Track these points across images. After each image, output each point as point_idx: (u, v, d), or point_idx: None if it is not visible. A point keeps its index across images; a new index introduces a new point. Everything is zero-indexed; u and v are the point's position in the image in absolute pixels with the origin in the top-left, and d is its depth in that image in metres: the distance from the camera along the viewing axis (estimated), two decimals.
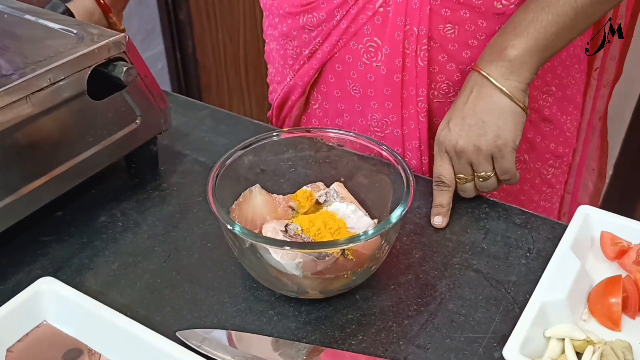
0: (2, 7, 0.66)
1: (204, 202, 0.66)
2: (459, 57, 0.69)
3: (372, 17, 0.69)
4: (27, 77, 0.54)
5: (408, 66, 0.70)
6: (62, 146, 0.59)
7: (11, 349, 0.51)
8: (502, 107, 0.61)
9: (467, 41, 0.68)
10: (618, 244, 0.58)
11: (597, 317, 0.53)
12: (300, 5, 0.72)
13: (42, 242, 0.62)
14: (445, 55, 0.69)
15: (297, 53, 0.76)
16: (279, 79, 0.83)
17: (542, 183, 0.81)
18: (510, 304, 0.55)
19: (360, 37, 0.70)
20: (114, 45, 0.59)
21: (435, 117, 0.74)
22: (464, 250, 0.61)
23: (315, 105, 0.79)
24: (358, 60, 0.72)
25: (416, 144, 0.74)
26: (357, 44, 0.71)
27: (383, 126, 0.75)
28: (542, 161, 0.80)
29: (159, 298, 0.56)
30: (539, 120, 0.76)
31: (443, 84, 0.71)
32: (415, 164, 0.76)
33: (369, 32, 0.69)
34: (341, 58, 0.73)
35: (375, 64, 0.71)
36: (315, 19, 0.71)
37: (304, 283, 0.53)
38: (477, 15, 0.67)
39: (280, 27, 0.76)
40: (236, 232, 0.50)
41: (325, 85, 0.76)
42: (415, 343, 0.52)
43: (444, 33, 0.68)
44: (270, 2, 0.76)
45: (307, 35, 0.74)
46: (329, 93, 0.77)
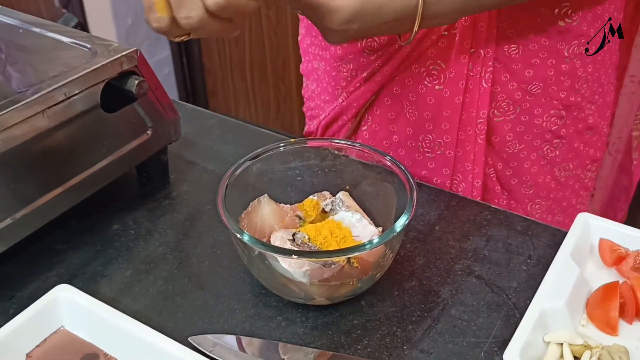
0: (16, 22, 0.69)
1: (214, 210, 0.68)
2: (522, 76, 0.70)
3: (437, 41, 0.69)
4: (43, 92, 0.56)
5: (471, 88, 0.70)
6: (77, 158, 0.61)
7: (30, 354, 0.53)
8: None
9: (530, 60, 0.69)
10: (616, 251, 0.59)
11: (596, 323, 0.55)
12: None
13: (57, 250, 0.64)
14: (507, 75, 0.70)
15: (352, 75, 0.76)
16: (326, 98, 0.82)
17: (581, 187, 0.82)
18: (511, 309, 0.57)
19: (423, 61, 0.70)
20: (127, 60, 0.61)
21: (493, 135, 0.75)
22: (466, 256, 0.62)
23: (364, 127, 0.79)
24: (419, 84, 0.72)
25: (469, 167, 0.75)
26: (419, 67, 0.71)
27: (435, 147, 0.75)
28: (583, 167, 0.81)
29: (171, 304, 0.58)
30: (584, 129, 0.77)
31: (503, 102, 0.72)
32: (464, 187, 0.77)
33: (432, 55, 0.70)
34: (401, 81, 0.73)
35: (438, 87, 0.71)
36: (376, 43, 0.71)
37: (311, 290, 0.55)
38: (541, 34, 0.68)
39: (333, 49, 0.75)
40: (245, 241, 0.52)
41: (378, 108, 0.76)
42: (419, 348, 0.54)
43: (509, 53, 0.69)
44: None
45: (365, 58, 0.74)
46: (381, 115, 0.77)
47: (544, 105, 0.73)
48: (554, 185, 0.79)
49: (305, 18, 0.79)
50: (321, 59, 0.80)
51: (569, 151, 0.78)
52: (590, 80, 0.74)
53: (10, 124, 0.55)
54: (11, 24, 0.68)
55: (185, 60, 2.28)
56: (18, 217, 0.58)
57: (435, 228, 0.66)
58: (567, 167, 0.79)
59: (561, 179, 0.79)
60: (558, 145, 0.77)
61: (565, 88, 0.72)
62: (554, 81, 0.71)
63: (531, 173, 0.77)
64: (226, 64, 2.25)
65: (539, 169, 0.78)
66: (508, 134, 0.75)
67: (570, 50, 0.70)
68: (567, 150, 0.78)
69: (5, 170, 0.56)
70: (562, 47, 0.70)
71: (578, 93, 0.74)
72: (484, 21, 0.66)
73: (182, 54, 2.27)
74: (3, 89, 0.57)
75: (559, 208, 0.81)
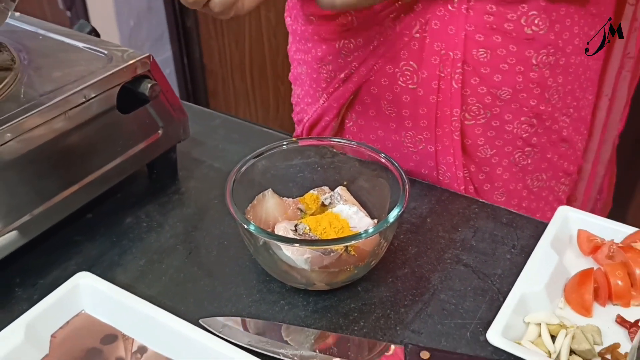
0: (35, 29, 0.73)
1: (220, 204, 0.73)
2: (490, 81, 0.73)
3: (409, 43, 0.72)
4: (65, 95, 0.61)
5: (443, 88, 0.74)
6: (93, 156, 0.66)
7: (55, 335, 0.57)
8: None
9: (499, 65, 0.72)
10: (593, 241, 0.64)
11: (572, 305, 0.59)
12: (337, 32, 0.75)
13: (76, 241, 0.69)
14: (477, 78, 0.73)
15: (331, 77, 0.80)
16: (309, 100, 0.87)
17: (554, 200, 0.86)
18: (495, 294, 0.62)
19: (396, 62, 0.74)
20: (141, 65, 0.66)
21: (465, 138, 0.78)
22: (454, 246, 0.67)
23: (350, 124, 0.83)
24: (394, 83, 0.76)
25: (450, 160, 0.79)
26: (393, 67, 0.74)
27: (417, 143, 0.79)
28: (556, 179, 0.84)
29: (182, 290, 0.63)
30: (558, 140, 0.81)
31: (474, 106, 0.75)
32: (450, 176, 0.80)
33: (405, 56, 0.74)
34: (377, 81, 0.77)
35: (412, 86, 0.75)
36: (352, 45, 0.75)
37: (312, 276, 0.60)
38: (508, 40, 0.71)
39: (314, 51, 0.79)
40: (252, 230, 0.57)
41: (360, 106, 0.80)
42: (411, 328, 0.59)
43: (477, 57, 0.72)
44: (303, 28, 0.79)
45: (342, 60, 0.77)
46: (364, 112, 0.80)
47: (514, 111, 0.76)
48: (525, 194, 0.82)
49: (292, 24, 0.84)
50: (304, 62, 0.84)
51: (541, 161, 0.81)
52: (562, 92, 0.77)
53: (34, 126, 0.59)
54: (31, 30, 0.73)
55: (186, 61, 2.32)
56: (40, 212, 0.62)
57: (427, 220, 0.71)
58: (540, 178, 0.82)
59: (534, 188, 0.82)
60: (530, 153, 0.80)
61: (535, 96, 0.75)
62: (523, 88, 0.74)
63: (503, 180, 0.81)
64: (226, 65, 2.29)
65: (511, 176, 0.81)
66: (479, 138, 0.78)
67: (538, 59, 0.73)
68: (539, 160, 0.81)
69: (28, 168, 0.60)
70: (530, 54, 0.72)
71: (549, 103, 0.76)
72: (454, 24, 0.70)
73: (183, 54, 2.31)
74: (27, 92, 0.62)
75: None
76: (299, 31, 0.81)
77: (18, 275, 0.64)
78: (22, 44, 0.69)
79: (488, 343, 0.54)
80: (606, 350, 0.55)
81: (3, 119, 0.58)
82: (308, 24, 0.78)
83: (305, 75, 0.85)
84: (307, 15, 0.77)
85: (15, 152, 0.59)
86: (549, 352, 0.54)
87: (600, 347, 0.55)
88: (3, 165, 0.58)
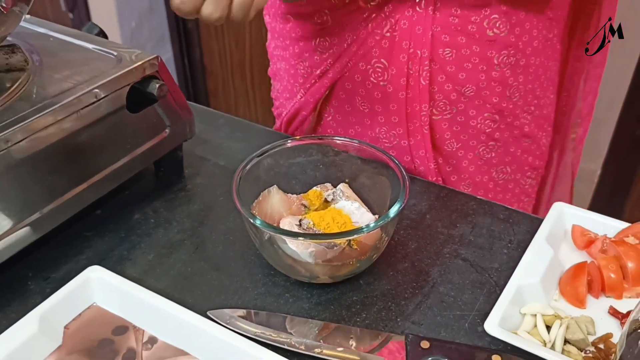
0: (46, 31, 0.75)
1: (225, 201, 0.75)
2: (456, 79, 0.77)
3: (380, 41, 0.76)
4: (76, 95, 0.63)
5: (412, 85, 0.78)
6: (103, 154, 0.68)
7: (67, 327, 0.59)
8: None
9: (463, 64, 0.77)
10: (586, 235, 0.66)
11: (567, 298, 0.62)
12: (313, 30, 0.79)
13: (86, 237, 0.71)
14: (443, 76, 0.77)
15: (308, 72, 0.84)
16: (287, 95, 0.91)
17: (521, 193, 0.90)
18: (493, 287, 0.64)
19: (368, 59, 0.78)
20: (149, 65, 0.68)
21: (433, 132, 0.82)
22: (453, 241, 0.70)
23: (329, 118, 0.86)
24: (366, 80, 0.79)
25: (423, 153, 0.83)
26: (365, 64, 0.78)
27: (391, 137, 0.83)
28: (522, 173, 0.88)
29: (190, 284, 0.65)
30: (520, 136, 0.85)
31: (441, 102, 0.79)
32: (423, 170, 0.84)
33: (376, 54, 0.77)
34: (350, 77, 0.80)
35: (382, 83, 0.79)
36: (327, 43, 0.79)
37: (316, 270, 0.62)
38: (472, 41, 0.75)
39: (291, 49, 0.84)
40: (258, 225, 0.59)
41: (336, 101, 0.84)
42: (411, 320, 0.61)
43: (444, 56, 0.76)
44: (281, 26, 0.84)
45: (318, 56, 0.81)
46: (340, 107, 0.84)
47: (478, 107, 0.81)
48: (492, 186, 0.87)
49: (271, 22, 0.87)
50: (282, 59, 0.88)
51: (505, 155, 0.85)
52: (522, 90, 0.81)
53: (46, 125, 0.61)
54: (41, 32, 0.75)
55: (187, 62, 2.34)
56: (51, 208, 0.64)
57: (426, 216, 0.73)
58: (505, 170, 0.86)
59: (499, 181, 0.87)
60: (493, 147, 0.84)
61: (497, 94, 0.80)
62: (486, 86, 0.79)
63: (469, 172, 0.85)
64: (227, 66, 2.31)
65: (477, 168, 0.85)
66: (446, 133, 0.82)
67: (499, 59, 0.77)
68: (503, 154, 0.85)
69: (40, 166, 0.62)
70: (492, 55, 0.77)
71: (510, 100, 0.81)
72: (421, 24, 0.74)
73: (183, 55, 2.33)
74: (39, 92, 0.64)
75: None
76: (277, 29, 0.85)
77: (30, 269, 0.66)
78: (33, 46, 0.71)
79: (486, 333, 0.56)
80: (599, 340, 0.57)
81: (16, 118, 0.60)
82: (286, 22, 0.82)
83: (283, 72, 0.89)
84: (285, 14, 0.81)
85: (27, 150, 0.61)
86: (544, 341, 0.57)
87: (593, 337, 0.57)
88: (16, 163, 0.60)
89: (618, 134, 1.64)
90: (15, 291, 0.64)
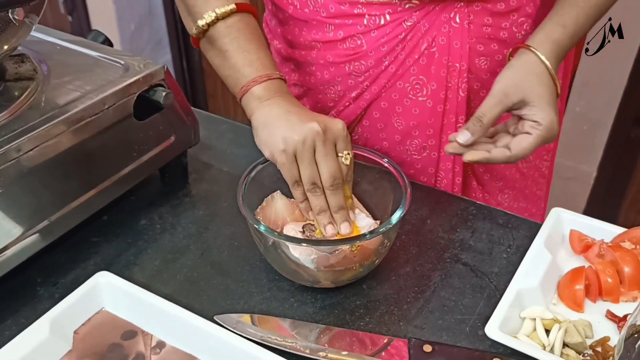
0: (53, 39, 0.76)
1: (230, 206, 0.76)
2: (490, 84, 0.75)
3: (418, 60, 0.77)
4: (85, 105, 0.64)
5: (450, 97, 0.79)
6: (110, 161, 0.69)
7: (77, 331, 0.61)
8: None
9: (496, 69, 0.77)
10: (584, 240, 0.68)
11: (565, 301, 0.63)
12: (347, 55, 0.78)
13: (93, 242, 0.72)
14: (479, 83, 0.79)
15: (339, 96, 0.83)
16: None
17: (540, 176, 0.92)
18: (493, 291, 0.66)
19: (407, 77, 0.78)
20: (156, 74, 0.70)
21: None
22: (454, 246, 0.71)
23: (355, 137, 0.86)
24: (404, 97, 0.79)
25: (449, 166, 0.83)
26: (403, 83, 0.78)
27: (421, 150, 0.83)
28: (540, 158, 0.90)
29: (196, 289, 0.66)
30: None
31: (475, 109, 0.80)
32: (446, 183, 0.85)
33: (414, 72, 0.78)
34: (387, 97, 0.80)
35: (421, 99, 0.79)
36: (363, 67, 0.78)
37: (318, 275, 0.63)
38: (503, 46, 0.77)
39: (319, 74, 0.82)
40: (262, 231, 0.61)
41: (368, 120, 0.83)
42: (413, 324, 0.62)
43: (479, 65, 0.78)
44: (304, 53, 0.82)
45: (352, 80, 0.80)
46: (371, 127, 0.84)
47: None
48: (518, 177, 0.89)
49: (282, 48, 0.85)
50: (303, 84, 0.86)
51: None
52: None
53: (56, 134, 0.63)
54: (49, 41, 0.76)
55: (186, 64, 2.35)
56: (60, 215, 0.65)
57: (427, 222, 0.74)
58: (528, 159, 0.88)
59: (524, 170, 0.89)
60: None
61: None
62: None
63: (500, 168, 0.87)
64: None
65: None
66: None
67: None
68: None
69: (50, 174, 0.64)
70: None
71: None
72: (458, 39, 0.75)
73: (182, 58, 2.34)
74: (48, 101, 0.65)
75: (522, 195, 0.90)
76: (297, 56, 0.83)
77: (39, 274, 0.68)
78: (41, 54, 0.73)
79: (486, 337, 0.57)
80: (597, 343, 0.58)
81: (27, 127, 0.61)
82: (310, 49, 0.81)
83: (306, 96, 0.88)
84: (309, 41, 0.80)
85: (38, 159, 0.62)
86: (543, 345, 0.58)
87: (591, 340, 0.59)
88: (27, 171, 0.61)
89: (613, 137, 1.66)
90: (25, 296, 0.65)
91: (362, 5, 0.75)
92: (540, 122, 0.66)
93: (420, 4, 0.74)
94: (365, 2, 0.74)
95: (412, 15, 0.74)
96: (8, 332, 0.61)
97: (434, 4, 0.74)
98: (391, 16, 0.75)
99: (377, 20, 0.75)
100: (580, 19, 0.71)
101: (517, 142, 0.67)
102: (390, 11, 0.74)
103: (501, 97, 0.67)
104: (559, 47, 0.70)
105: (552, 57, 0.69)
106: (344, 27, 0.77)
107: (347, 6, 0.75)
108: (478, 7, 0.74)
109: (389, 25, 0.75)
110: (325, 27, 0.78)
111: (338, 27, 0.77)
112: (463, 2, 0.74)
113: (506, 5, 0.75)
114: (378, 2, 0.74)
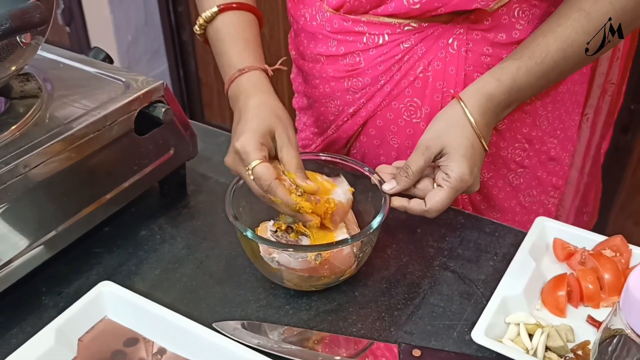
0: (56, 57, 0.79)
1: (227, 217, 0.79)
2: None
3: (413, 82, 0.78)
4: (90, 121, 0.67)
5: None
6: (112, 175, 0.72)
7: (81, 339, 0.63)
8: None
9: None
10: (567, 248, 0.71)
11: (548, 307, 0.66)
12: (346, 71, 0.80)
13: (95, 253, 0.74)
14: None
15: (339, 111, 0.85)
16: (315, 130, 0.93)
17: (545, 212, 0.91)
18: (479, 297, 0.68)
19: (401, 98, 0.79)
20: (156, 91, 0.72)
21: None
22: (442, 254, 0.74)
23: (354, 151, 0.89)
24: (399, 117, 0.81)
25: None
26: (398, 103, 0.80)
27: None
28: (546, 194, 0.90)
29: (196, 297, 0.69)
30: (546, 160, 0.87)
31: None
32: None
33: (409, 94, 0.79)
34: (383, 115, 0.82)
35: (415, 120, 0.80)
36: (360, 83, 0.80)
37: (284, 275, 0.66)
38: None
39: (322, 87, 0.84)
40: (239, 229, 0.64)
41: (365, 137, 0.85)
42: (404, 329, 0.65)
43: None
44: (311, 65, 0.84)
45: (350, 96, 0.82)
46: (368, 143, 0.86)
47: (509, 139, 0.83)
48: (519, 210, 0.89)
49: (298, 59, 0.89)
50: (309, 95, 0.89)
51: (532, 179, 0.87)
52: (550, 118, 0.83)
53: (61, 150, 0.65)
54: (52, 59, 0.79)
55: (182, 74, 2.38)
56: (64, 227, 0.68)
57: (417, 231, 0.77)
58: (531, 194, 0.88)
59: (525, 204, 0.89)
60: (522, 174, 0.86)
61: (527, 124, 0.82)
62: (517, 118, 0.81)
63: (499, 199, 0.88)
64: (221, 77, 2.34)
65: (505, 195, 0.87)
66: None
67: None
68: (530, 179, 0.87)
69: (55, 188, 0.66)
70: None
71: (539, 128, 0.83)
72: (454, 65, 0.76)
73: (179, 68, 2.36)
74: (52, 118, 0.68)
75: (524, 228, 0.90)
76: (306, 67, 0.86)
77: (44, 285, 0.70)
78: (46, 73, 0.75)
79: (473, 341, 0.60)
80: (577, 347, 0.61)
81: (33, 144, 0.64)
82: (316, 62, 0.83)
83: (311, 108, 0.91)
84: (315, 54, 0.83)
85: (43, 174, 0.65)
86: (527, 349, 0.61)
87: (572, 344, 0.62)
88: (33, 186, 0.64)
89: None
90: (31, 306, 0.68)
91: (364, 24, 0.76)
92: (449, 175, 0.66)
93: (418, 27, 0.75)
94: (367, 20, 0.76)
95: (410, 38, 0.76)
96: (15, 340, 0.64)
97: (432, 29, 0.75)
98: (389, 36, 0.76)
99: (376, 39, 0.77)
100: (520, 75, 0.69)
101: (431, 196, 0.67)
102: (389, 32, 0.76)
103: (423, 149, 0.68)
104: (491, 101, 0.69)
105: (481, 111, 0.68)
106: (345, 43, 0.79)
107: (349, 23, 0.77)
108: (478, 36, 0.75)
109: (387, 45, 0.77)
110: (329, 41, 0.80)
111: (340, 43, 0.79)
112: (463, 30, 0.74)
113: (507, 36, 0.75)
114: (378, 22, 0.76)
